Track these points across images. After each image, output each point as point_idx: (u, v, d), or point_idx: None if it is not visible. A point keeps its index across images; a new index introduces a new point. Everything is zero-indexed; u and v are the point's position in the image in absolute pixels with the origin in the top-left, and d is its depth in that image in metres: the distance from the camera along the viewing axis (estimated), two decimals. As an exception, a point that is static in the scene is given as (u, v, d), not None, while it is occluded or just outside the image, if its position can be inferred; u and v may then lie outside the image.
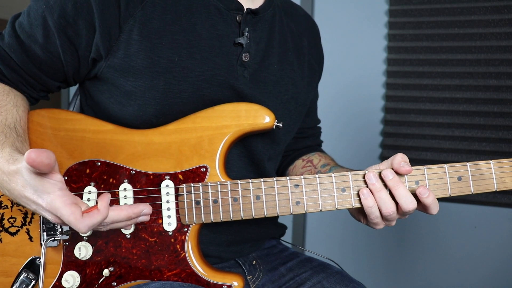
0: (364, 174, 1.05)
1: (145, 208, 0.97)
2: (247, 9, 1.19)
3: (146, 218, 0.99)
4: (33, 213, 1.08)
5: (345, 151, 2.60)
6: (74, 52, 1.10)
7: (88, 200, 1.06)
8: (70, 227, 1.06)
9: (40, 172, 0.84)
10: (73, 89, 2.82)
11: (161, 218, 1.07)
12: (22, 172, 0.87)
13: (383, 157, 2.58)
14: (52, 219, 0.89)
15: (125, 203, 1.07)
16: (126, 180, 1.08)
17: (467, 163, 1.05)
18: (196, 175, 1.08)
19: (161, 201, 1.07)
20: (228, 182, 1.07)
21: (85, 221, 0.86)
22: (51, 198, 0.86)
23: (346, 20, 2.62)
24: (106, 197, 0.91)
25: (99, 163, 1.08)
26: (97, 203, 0.90)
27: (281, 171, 1.49)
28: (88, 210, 0.87)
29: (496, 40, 2.35)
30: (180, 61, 1.11)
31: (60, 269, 1.07)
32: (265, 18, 1.24)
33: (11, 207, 1.09)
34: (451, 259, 2.54)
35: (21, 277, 1.06)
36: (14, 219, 1.09)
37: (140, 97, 1.10)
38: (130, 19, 1.08)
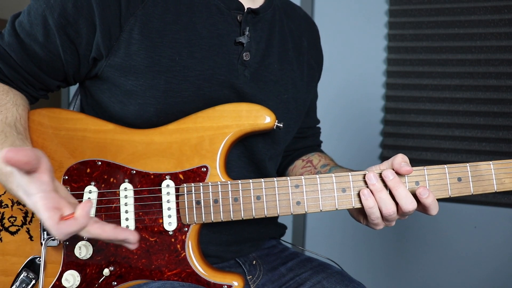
0: (365, 174, 1.05)
1: (130, 237, 0.90)
2: (247, 8, 1.19)
3: (130, 246, 0.92)
4: (33, 213, 1.08)
5: (345, 151, 2.60)
6: (75, 51, 1.10)
7: (89, 199, 1.06)
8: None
9: (28, 172, 0.82)
10: (73, 89, 2.82)
11: (162, 217, 1.07)
12: (14, 172, 0.86)
13: (383, 157, 2.58)
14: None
15: (126, 203, 1.07)
16: (126, 180, 1.08)
17: (467, 164, 1.05)
18: (196, 175, 1.08)
19: (161, 200, 1.07)
20: (229, 182, 1.07)
21: (61, 228, 0.82)
22: (34, 200, 0.84)
23: (346, 20, 2.62)
24: (86, 206, 0.83)
25: (100, 163, 1.08)
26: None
27: (281, 171, 1.49)
28: (66, 217, 0.83)
29: (496, 40, 2.35)
30: (181, 60, 1.11)
31: (60, 269, 1.07)
32: (265, 18, 1.24)
33: (12, 206, 1.09)
34: (451, 259, 2.55)
35: (21, 276, 1.06)
36: (15, 218, 1.09)
37: (140, 96, 1.10)
38: (131, 18, 1.08)
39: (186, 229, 1.07)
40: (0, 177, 0.93)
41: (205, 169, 1.08)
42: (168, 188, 1.07)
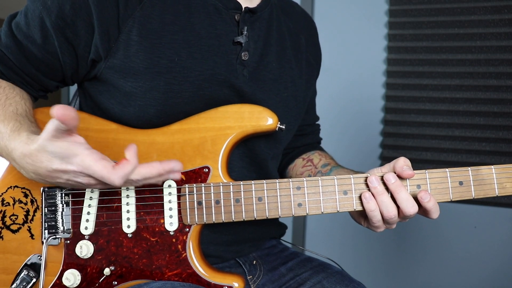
0: (366, 177, 1.05)
1: (176, 165, 0.96)
2: (245, 8, 1.19)
3: (176, 176, 0.98)
4: (34, 211, 1.08)
5: (345, 151, 2.60)
6: (73, 53, 1.10)
7: (91, 199, 1.07)
8: (72, 226, 1.07)
9: (62, 137, 0.87)
10: (73, 89, 2.82)
11: (163, 218, 1.07)
12: (45, 145, 0.88)
13: (383, 157, 2.59)
14: (86, 182, 0.92)
15: (127, 203, 1.07)
16: (128, 180, 1.08)
17: (469, 168, 1.05)
18: (198, 175, 1.08)
19: (163, 201, 1.07)
20: (231, 183, 1.07)
21: (118, 172, 0.88)
22: (81, 159, 0.88)
23: (346, 20, 2.62)
24: (133, 147, 0.90)
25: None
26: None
27: (281, 170, 1.49)
28: (118, 163, 0.89)
29: (496, 40, 2.35)
30: (180, 61, 1.11)
31: (61, 268, 1.07)
32: (263, 17, 1.24)
33: (13, 204, 1.09)
34: (451, 259, 2.55)
35: (22, 274, 1.07)
36: (16, 217, 1.09)
37: (140, 97, 1.10)
38: (129, 19, 1.08)
39: (187, 229, 1.08)
40: (23, 161, 0.94)
41: (207, 170, 1.08)
42: (169, 188, 1.07)
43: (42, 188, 1.08)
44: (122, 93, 1.12)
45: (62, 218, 1.07)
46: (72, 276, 1.05)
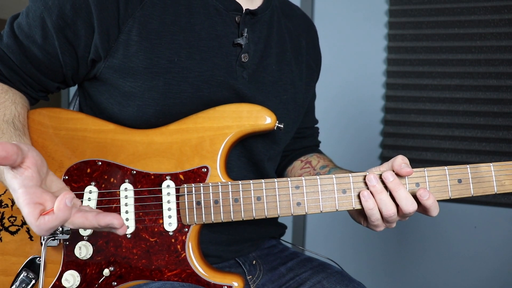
0: (365, 176, 1.05)
1: (114, 221, 0.85)
2: (246, 9, 1.19)
3: (120, 232, 0.87)
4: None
5: (345, 151, 2.61)
6: (73, 53, 1.10)
7: (89, 199, 1.06)
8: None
9: (12, 167, 0.81)
10: (73, 89, 2.83)
11: (162, 218, 1.07)
12: (3, 170, 0.86)
13: (383, 157, 2.58)
14: None
15: (126, 203, 1.07)
16: (127, 180, 1.08)
17: (468, 166, 1.05)
18: (197, 175, 1.08)
19: (162, 201, 1.07)
20: (229, 183, 1.07)
21: (40, 225, 0.80)
22: (17, 196, 0.82)
23: (346, 20, 2.62)
24: (63, 198, 0.79)
25: (100, 163, 1.08)
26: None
27: (280, 172, 1.49)
28: (46, 212, 0.80)
29: (496, 40, 2.35)
30: (180, 61, 1.10)
31: (60, 269, 1.07)
32: (264, 19, 1.24)
33: (12, 206, 1.09)
34: (451, 259, 2.55)
35: (21, 276, 1.06)
36: (15, 218, 1.09)
37: (139, 97, 1.10)
38: (129, 19, 1.08)
39: (186, 229, 1.07)
40: None
41: (205, 170, 1.08)
42: (168, 188, 1.07)
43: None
44: (121, 93, 1.12)
45: (61, 219, 1.07)
46: (71, 277, 1.05)
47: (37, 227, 0.80)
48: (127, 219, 1.06)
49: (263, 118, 1.10)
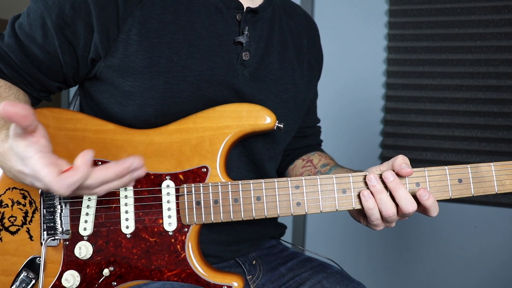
0: (365, 175, 1.05)
1: (135, 161, 0.89)
2: (247, 8, 1.19)
3: (140, 173, 0.94)
4: (33, 213, 1.08)
5: (345, 151, 2.61)
6: (73, 53, 1.10)
7: (89, 199, 1.06)
8: (71, 227, 1.07)
9: (24, 137, 0.83)
10: (73, 89, 2.82)
11: (162, 218, 1.07)
12: (12, 144, 0.85)
13: (383, 157, 2.58)
14: (43, 187, 0.86)
15: (126, 203, 1.07)
16: (126, 180, 1.08)
17: (468, 165, 1.05)
18: (197, 175, 1.08)
19: (161, 201, 1.07)
20: (229, 183, 1.07)
21: (61, 181, 0.81)
22: (32, 162, 0.83)
23: (346, 20, 2.62)
24: (87, 154, 0.83)
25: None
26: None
27: (281, 171, 1.49)
28: (66, 170, 0.82)
29: (496, 40, 2.35)
30: (180, 60, 1.10)
31: (60, 269, 1.07)
32: (265, 17, 1.24)
33: (12, 206, 1.09)
34: (451, 259, 2.55)
35: (21, 276, 1.06)
36: (15, 218, 1.09)
37: (139, 97, 1.10)
38: (128, 19, 1.07)
39: (186, 229, 1.07)
40: (1, 159, 0.92)
41: (205, 170, 1.08)
42: (168, 188, 1.07)
43: (40, 190, 1.08)
44: (121, 93, 1.11)
45: (60, 219, 1.07)
46: (71, 277, 1.05)
47: (58, 183, 0.81)
48: (126, 219, 1.06)
49: (263, 118, 1.10)
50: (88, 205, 1.07)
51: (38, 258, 1.08)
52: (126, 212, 1.07)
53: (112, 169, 0.88)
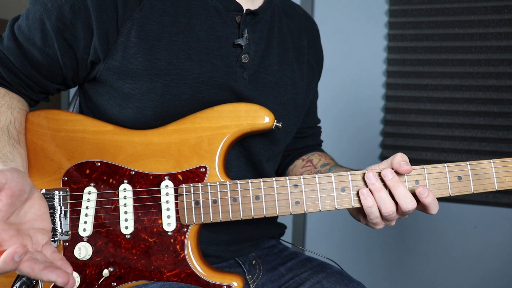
0: (364, 174, 1.05)
1: (57, 279, 0.80)
2: (246, 10, 1.18)
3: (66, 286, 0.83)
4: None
5: (345, 151, 2.60)
6: (72, 55, 1.10)
7: (88, 200, 1.06)
8: (70, 228, 1.07)
9: None
10: (73, 91, 2.83)
11: (161, 218, 1.07)
12: None
13: (383, 157, 2.58)
14: None
15: (125, 204, 1.07)
16: (125, 181, 1.08)
17: (468, 163, 1.05)
18: (195, 175, 1.08)
19: (160, 201, 1.07)
20: (228, 182, 1.07)
21: None
22: None
23: (346, 20, 2.62)
24: (14, 252, 0.75)
25: (99, 164, 1.08)
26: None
27: (281, 171, 1.49)
28: None
29: (496, 40, 2.35)
30: (179, 63, 1.10)
31: (60, 270, 1.07)
32: (265, 19, 1.24)
33: (11, 207, 1.09)
34: (451, 259, 2.54)
35: (22, 278, 1.06)
36: (14, 220, 1.09)
37: (138, 99, 1.10)
38: (127, 21, 1.07)
39: (185, 229, 1.07)
40: None
41: (204, 170, 1.08)
42: (167, 188, 1.07)
43: (40, 190, 1.08)
44: (121, 95, 1.11)
45: (60, 220, 1.07)
46: (71, 278, 1.05)
47: None
48: (126, 220, 1.06)
49: (261, 117, 1.10)
50: (87, 206, 1.07)
51: (37, 259, 1.08)
52: (125, 212, 1.06)
53: (35, 275, 0.80)
